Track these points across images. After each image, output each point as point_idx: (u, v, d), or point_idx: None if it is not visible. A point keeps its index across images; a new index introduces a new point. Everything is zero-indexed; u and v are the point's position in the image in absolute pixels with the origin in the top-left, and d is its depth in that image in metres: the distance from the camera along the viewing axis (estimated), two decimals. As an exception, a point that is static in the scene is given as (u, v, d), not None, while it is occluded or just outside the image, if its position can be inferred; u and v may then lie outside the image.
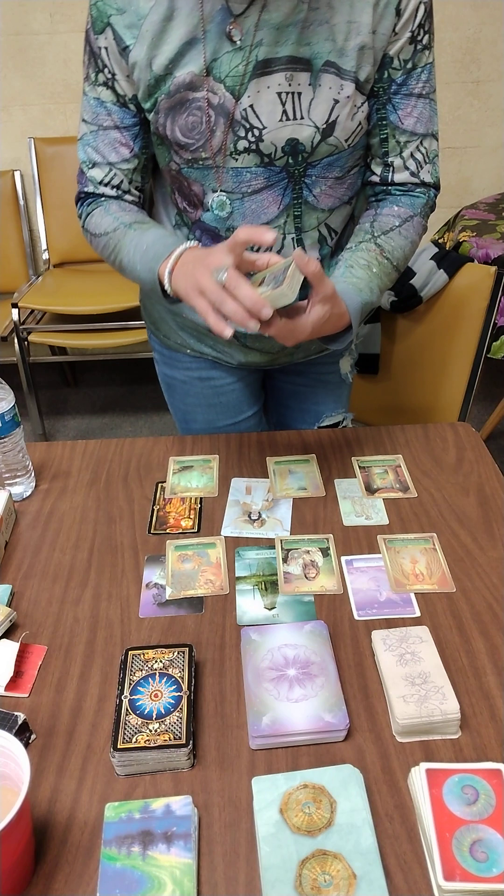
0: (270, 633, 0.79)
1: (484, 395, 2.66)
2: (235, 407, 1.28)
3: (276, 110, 0.90)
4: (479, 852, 0.58)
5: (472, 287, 1.46)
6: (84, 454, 1.16)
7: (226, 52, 0.88)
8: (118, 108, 0.96)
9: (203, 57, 0.88)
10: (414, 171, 1.00)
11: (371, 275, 0.96)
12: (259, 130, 0.91)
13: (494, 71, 2.67)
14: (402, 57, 0.91)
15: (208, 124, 0.92)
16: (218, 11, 0.86)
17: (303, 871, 0.58)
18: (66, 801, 0.66)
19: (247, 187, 0.96)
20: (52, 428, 2.83)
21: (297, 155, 0.93)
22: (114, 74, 0.93)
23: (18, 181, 2.72)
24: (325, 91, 0.89)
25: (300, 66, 0.88)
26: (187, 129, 0.93)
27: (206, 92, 0.90)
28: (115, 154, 1.00)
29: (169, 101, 0.91)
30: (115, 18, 0.89)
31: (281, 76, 0.88)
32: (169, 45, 0.88)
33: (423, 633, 0.78)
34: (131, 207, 1.04)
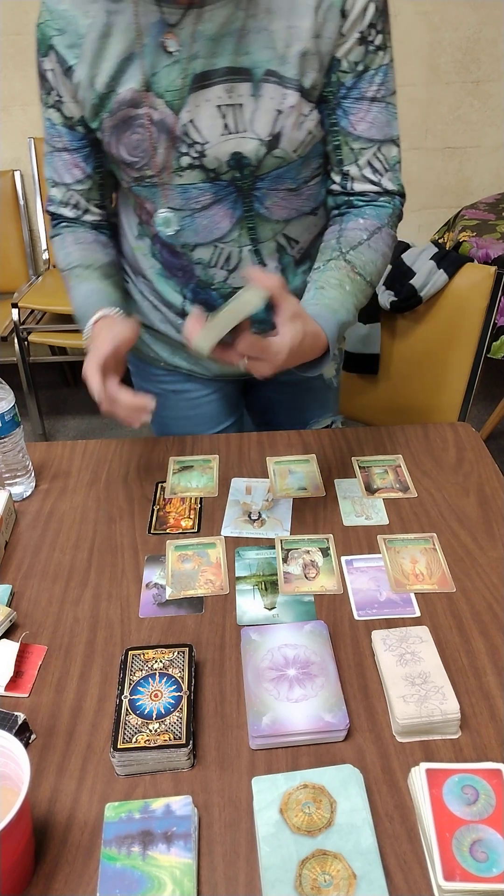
0: (270, 633, 0.79)
1: (484, 395, 2.66)
2: (213, 417, 1.27)
3: (217, 124, 0.87)
4: (479, 852, 0.58)
5: (472, 287, 1.46)
6: (84, 454, 1.16)
7: (164, 66, 0.85)
8: (67, 131, 0.96)
9: (142, 72, 0.86)
10: (374, 179, 0.95)
11: (344, 293, 0.91)
12: (201, 145, 0.89)
13: (494, 71, 2.67)
14: (350, 59, 0.87)
15: (151, 141, 0.90)
16: (153, 24, 0.84)
17: (303, 871, 0.58)
18: (66, 801, 0.66)
19: (196, 203, 0.94)
20: (52, 428, 2.83)
21: (242, 169, 0.91)
22: (61, 97, 0.92)
23: (18, 181, 2.72)
24: (266, 102, 0.86)
25: (240, 76, 0.85)
26: (132, 146, 0.91)
27: (147, 108, 0.88)
28: (69, 175, 1.01)
29: (112, 120, 0.90)
30: (56, 39, 0.88)
31: (220, 88, 0.86)
32: (108, 61, 0.87)
33: (423, 633, 0.78)
34: (85, 237, 1.06)
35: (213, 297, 1.04)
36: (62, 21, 0.87)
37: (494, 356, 2.12)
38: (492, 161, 2.86)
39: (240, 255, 0.99)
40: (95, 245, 1.06)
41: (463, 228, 2.26)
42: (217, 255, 0.99)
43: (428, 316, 1.55)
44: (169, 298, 1.08)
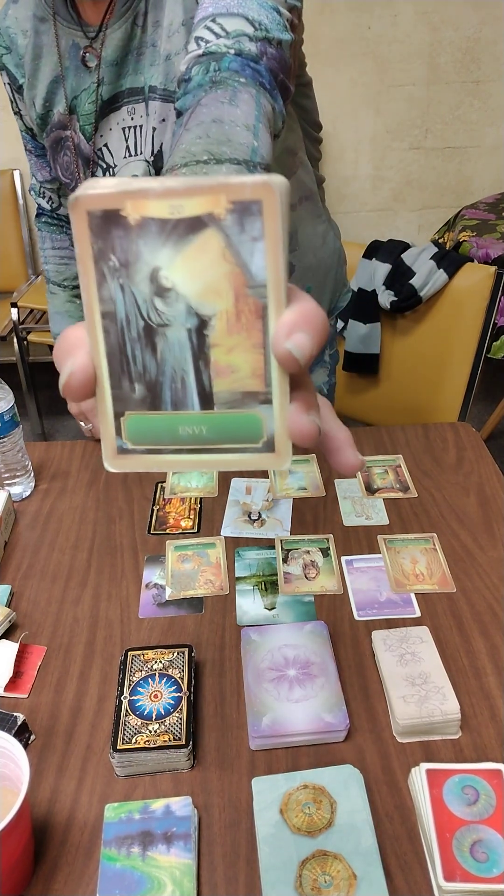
0: (270, 633, 0.79)
1: (484, 395, 2.66)
2: None
3: (122, 147, 0.86)
4: (480, 852, 0.58)
5: (472, 287, 1.46)
6: (84, 454, 1.16)
7: (83, 90, 0.85)
8: (30, 138, 1.00)
9: (65, 96, 0.86)
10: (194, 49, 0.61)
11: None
12: (113, 169, 0.88)
13: (494, 71, 2.67)
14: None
15: (76, 164, 0.91)
16: (71, 47, 0.83)
17: (303, 872, 0.58)
18: (66, 801, 0.66)
19: None
20: (51, 428, 2.83)
21: None
22: (19, 108, 0.95)
23: (18, 181, 2.72)
24: (151, 120, 0.83)
25: (138, 97, 0.83)
26: (64, 167, 0.93)
27: (70, 131, 0.89)
28: (39, 174, 1.06)
29: (48, 141, 0.93)
30: (5, 58, 0.89)
31: (125, 111, 0.84)
32: (41, 83, 0.87)
33: (424, 634, 0.78)
34: (61, 242, 1.11)
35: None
36: (7, 39, 0.87)
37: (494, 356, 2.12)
38: (492, 161, 2.86)
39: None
40: (68, 252, 1.12)
41: (463, 228, 2.26)
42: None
43: (428, 316, 1.55)
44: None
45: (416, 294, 1.50)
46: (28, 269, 2.81)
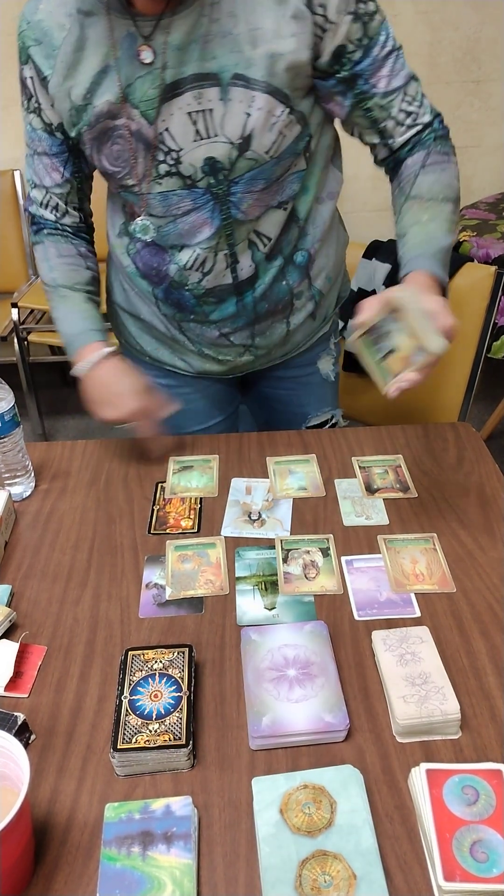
0: (270, 633, 0.79)
1: (484, 395, 2.66)
2: (204, 413, 1.27)
3: (189, 131, 0.89)
4: (480, 853, 0.58)
5: (472, 287, 1.46)
6: (84, 454, 1.16)
7: (138, 77, 0.87)
8: (47, 136, 0.99)
9: (118, 84, 0.87)
10: (409, 123, 0.95)
11: (422, 225, 0.93)
12: (177, 153, 0.90)
13: (494, 71, 2.67)
14: (353, 38, 0.87)
15: (131, 151, 0.92)
16: (125, 37, 0.85)
17: (303, 872, 0.58)
18: (66, 801, 0.66)
19: (176, 209, 0.96)
20: (52, 428, 2.83)
21: (216, 173, 0.92)
22: (39, 104, 0.95)
23: (18, 181, 2.72)
24: (235, 105, 0.87)
25: (208, 82, 0.86)
26: (113, 157, 0.94)
27: (125, 119, 0.90)
28: (49, 179, 1.04)
29: (92, 132, 0.92)
30: (33, 50, 0.90)
31: (189, 95, 0.87)
32: (83, 74, 0.88)
33: (424, 634, 0.78)
34: (67, 250, 1.09)
35: (186, 298, 1.05)
36: (38, 31, 0.88)
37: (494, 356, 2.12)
38: (492, 161, 2.86)
39: (215, 259, 1.01)
40: (77, 259, 1.10)
41: (463, 228, 2.26)
42: (195, 258, 1.00)
43: (428, 316, 1.54)
44: (146, 295, 1.11)
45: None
46: (28, 269, 2.81)
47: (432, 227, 0.93)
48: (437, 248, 0.91)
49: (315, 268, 1.10)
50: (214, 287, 1.03)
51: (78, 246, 1.10)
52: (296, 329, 1.14)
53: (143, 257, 1.05)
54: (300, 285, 1.09)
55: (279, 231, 1.02)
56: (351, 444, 1.16)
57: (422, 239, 0.92)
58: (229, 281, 1.02)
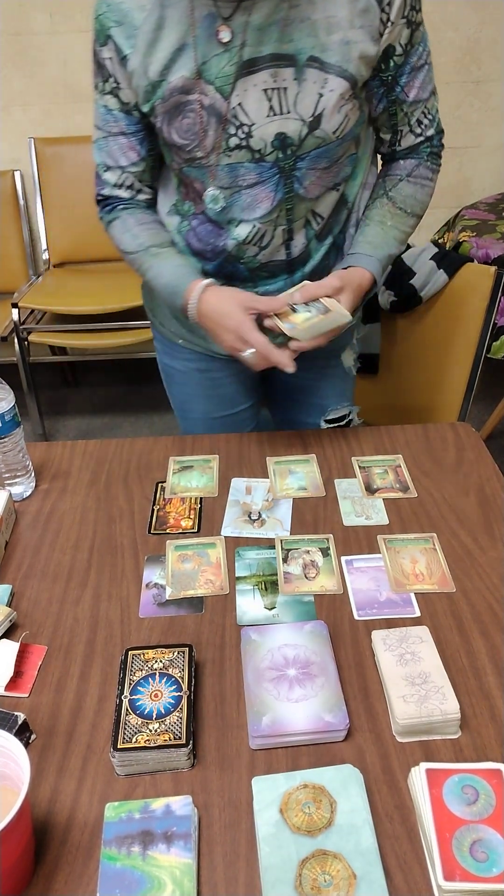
0: (270, 633, 0.79)
1: (484, 395, 2.66)
2: (232, 399, 1.29)
3: (263, 106, 0.93)
4: (479, 852, 0.58)
5: (472, 287, 1.46)
6: (84, 454, 1.16)
7: (214, 55, 0.91)
8: (124, 115, 1.01)
9: (194, 61, 0.91)
10: (418, 132, 1.05)
11: (385, 229, 1.06)
12: (248, 127, 0.94)
13: (494, 71, 2.67)
14: (402, 42, 0.95)
15: (201, 125, 0.95)
16: (205, 17, 0.89)
17: (303, 871, 0.58)
18: (66, 801, 0.66)
19: (242, 181, 0.99)
20: (52, 428, 2.83)
21: (285, 149, 0.96)
22: (118, 83, 0.98)
23: (18, 181, 2.72)
24: (309, 85, 0.92)
25: (284, 62, 0.91)
26: (183, 130, 0.97)
27: (198, 94, 0.93)
28: (125, 158, 1.06)
29: (164, 106, 0.95)
30: (114, 30, 0.93)
31: (266, 73, 0.91)
32: (161, 51, 0.92)
33: (423, 633, 0.78)
34: (145, 217, 1.10)
35: (240, 270, 1.09)
36: (119, 13, 0.92)
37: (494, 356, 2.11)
38: (492, 161, 2.86)
39: (273, 233, 1.04)
40: (158, 225, 1.11)
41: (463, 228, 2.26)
42: (254, 232, 1.04)
43: (428, 316, 1.55)
44: None
45: (417, 294, 1.50)
46: (28, 270, 2.81)
47: (391, 234, 1.07)
48: (386, 254, 1.06)
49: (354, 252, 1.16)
50: (268, 262, 1.08)
51: (154, 215, 1.13)
52: None
53: (198, 234, 1.08)
54: (337, 267, 1.13)
55: (331, 211, 1.08)
56: (351, 444, 1.16)
57: (379, 240, 1.06)
58: (283, 257, 1.07)
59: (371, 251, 1.04)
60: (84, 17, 2.50)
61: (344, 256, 1.13)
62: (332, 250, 1.11)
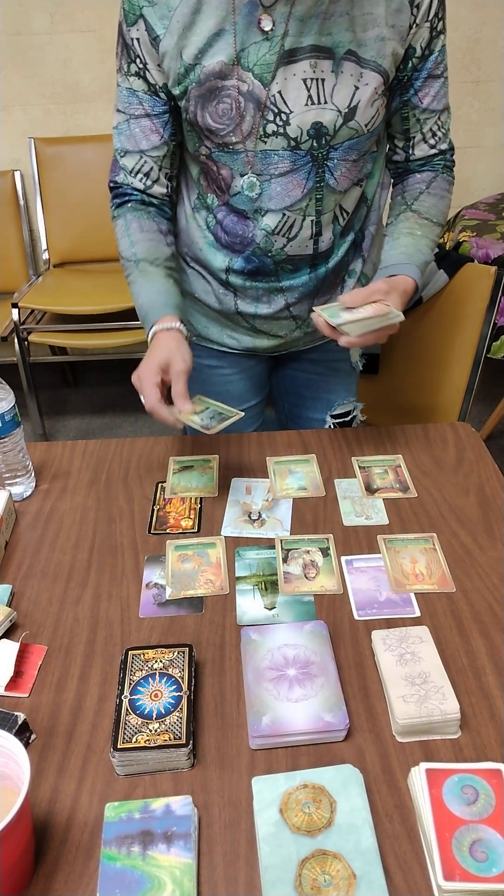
0: (270, 633, 0.79)
1: (484, 395, 2.66)
2: (241, 396, 1.30)
3: (302, 95, 0.95)
4: (479, 852, 0.58)
5: (472, 287, 1.46)
6: (84, 454, 1.16)
7: (253, 43, 0.93)
8: (149, 97, 1.02)
9: (233, 47, 0.93)
10: (432, 143, 1.09)
11: (416, 238, 1.09)
12: (286, 115, 0.96)
13: (494, 71, 2.67)
14: (421, 45, 0.98)
15: (238, 110, 0.96)
16: (246, 4, 0.91)
17: (303, 871, 0.58)
18: (66, 801, 0.66)
19: (274, 169, 1.01)
20: (52, 428, 2.83)
21: (320, 138, 0.98)
22: (146, 64, 0.98)
23: (18, 181, 2.72)
24: (346, 78, 0.95)
25: (323, 54, 0.93)
26: (218, 115, 0.98)
27: (235, 80, 0.95)
28: (147, 141, 1.05)
29: (199, 90, 0.96)
30: (146, 10, 0.94)
31: (306, 63, 0.94)
32: (198, 35, 0.93)
33: (423, 633, 0.78)
34: (149, 225, 1.10)
35: (266, 263, 1.10)
36: None
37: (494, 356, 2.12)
38: (492, 161, 2.86)
39: (302, 224, 1.06)
40: (158, 236, 1.11)
41: (463, 228, 2.26)
42: (283, 223, 1.05)
43: (428, 316, 1.55)
44: (214, 267, 1.14)
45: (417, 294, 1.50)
46: (28, 270, 2.81)
47: (423, 242, 1.09)
48: (422, 261, 1.08)
49: (369, 252, 1.19)
50: (295, 255, 1.09)
51: (159, 223, 1.11)
52: None
53: (225, 227, 1.09)
54: (354, 264, 1.17)
55: (354, 207, 1.10)
56: (351, 444, 1.16)
57: (413, 250, 1.07)
58: (309, 251, 1.09)
59: (407, 259, 1.07)
60: (84, 17, 2.50)
61: (360, 254, 1.16)
62: (352, 247, 1.14)
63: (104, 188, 1.08)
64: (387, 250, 1.10)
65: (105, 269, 2.73)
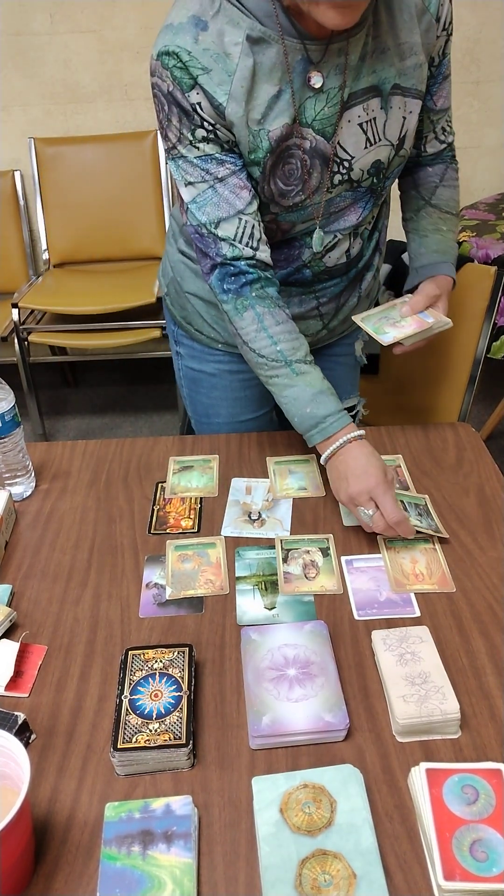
0: (270, 633, 0.79)
1: (484, 395, 2.66)
2: (258, 401, 1.29)
3: (361, 140, 0.95)
4: (479, 852, 0.58)
5: (472, 287, 1.46)
6: (84, 454, 1.16)
7: (308, 98, 0.91)
8: (227, 155, 0.93)
9: (293, 107, 0.90)
10: (442, 139, 1.11)
11: (443, 234, 1.12)
12: (349, 161, 0.96)
13: (494, 71, 2.67)
14: (440, 53, 0.99)
15: (304, 168, 0.95)
16: (298, 62, 0.89)
17: (303, 871, 0.58)
18: (66, 801, 0.66)
19: (335, 208, 1.01)
20: (52, 428, 2.83)
21: (379, 174, 1.00)
22: (214, 124, 0.90)
23: (18, 181, 2.72)
24: (395, 112, 0.95)
25: (372, 93, 0.93)
26: (286, 177, 0.95)
27: (298, 138, 0.93)
28: (240, 201, 0.94)
29: (272, 158, 0.93)
30: (202, 78, 0.87)
31: (360, 108, 0.93)
32: (258, 99, 0.89)
33: (423, 633, 0.78)
34: (282, 316, 0.99)
35: (305, 276, 1.09)
36: (206, 59, 0.86)
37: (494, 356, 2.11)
38: (492, 161, 2.86)
39: (347, 240, 1.07)
40: (293, 326, 1.00)
41: (463, 229, 2.26)
42: (333, 242, 1.05)
43: (428, 316, 1.54)
44: None
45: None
46: (28, 270, 2.81)
47: (450, 237, 1.13)
48: (454, 257, 1.12)
49: (383, 245, 1.20)
50: (333, 266, 1.09)
51: (284, 308, 1.00)
52: (360, 301, 1.21)
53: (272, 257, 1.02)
54: (372, 258, 1.17)
55: (378, 211, 1.11)
56: (351, 444, 1.16)
57: (445, 248, 1.11)
58: (344, 261, 1.09)
59: (442, 258, 1.10)
60: (84, 17, 2.50)
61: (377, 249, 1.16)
62: (375, 246, 1.15)
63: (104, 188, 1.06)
64: (416, 248, 1.13)
65: (105, 269, 2.73)
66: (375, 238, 1.14)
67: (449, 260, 1.11)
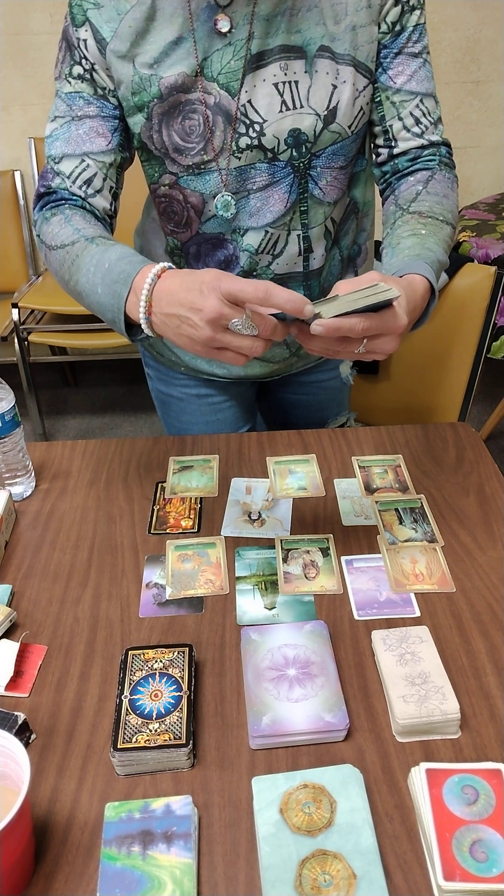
0: (270, 633, 0.79)
1: (484, 395, 2.66)
2: (232, 423, 1.27)
3: (275, 102, 0.88)
4: (479, 852, 0.58)
5: (472, 287, 1.46)
6: (84, 454, 1.16)
7: (216, 50, 0.86)
8: (97, 99, 0.91)
9: (194, 56, 0.86)
10: (417, 132, 0.95)
11: (422, 237, 0.89)
12: (260, 125, 0.89)
13: (494, 71, 2.67)
14: (388, 20, 0.89)
15: (207, 125, 0.89)
16: (203, 9, 0.84)
17: (303, 871, 0.58)
18: (66, 801, 0.66)
19: (251, 184, 0.94)
20: (52, 428, 2.83)
21: (300, 146, 0.91)
22: (93, 65, 0.89)
23: (18, 181, 2.72)
24: (322, 77, 0.87)
25: (294, 54, 0.86)
26: (185, 133, 0.90)
27: (200, 93, 0.88)
28: (90, 143, 0.91)
29: (162, 106, 0.89)
30: (92, 13, 0.86)
31: (276, 66, 0.86)
32: (152, 44, 0.86)
33: (423, 633, 0.78)
34: (93, 220, 0.91)
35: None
36: None
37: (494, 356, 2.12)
38: (492, 161, 2.86)
39: (287, 239, 0.99)
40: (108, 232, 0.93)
41: (463, 228, 2.27)
42: (266, 240, 0.98)
43: (428, 316, 1.55)
44: None
45: (417, 294, 1.50)
46: (28, 270, 2.81)
47: (430, 241, 0.89)
48: (434, 259, 0.87)
49: (363, 266, 1.11)
50: (284, 274, 1.01)
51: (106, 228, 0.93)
52: None
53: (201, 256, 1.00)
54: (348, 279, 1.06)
55: (343, 218, 1.02)
56: (351, 444, 1.16)
57: (419, 250, 0.87)
58: (300, 269, 1.02)
59: (415, 258, 0.86)
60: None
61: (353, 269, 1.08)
62: (345, 261, 1.06)
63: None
64: (387, 261, 0.91)
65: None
66: (346, 253, 1.05)
67: (423, 259, 0.85)
